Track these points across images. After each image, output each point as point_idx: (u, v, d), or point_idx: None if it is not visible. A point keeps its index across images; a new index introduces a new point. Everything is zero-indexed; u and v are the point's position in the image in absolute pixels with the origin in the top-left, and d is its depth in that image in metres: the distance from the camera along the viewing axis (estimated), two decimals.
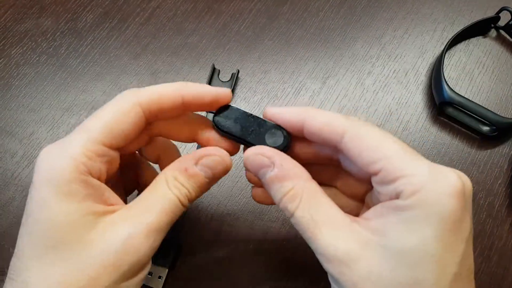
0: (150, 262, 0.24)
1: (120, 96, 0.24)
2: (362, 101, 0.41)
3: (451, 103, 0.39)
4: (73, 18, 0.43)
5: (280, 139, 0.26)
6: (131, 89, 0.25)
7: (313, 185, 0.25)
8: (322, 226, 0.23)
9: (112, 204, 0.24)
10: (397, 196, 0.22)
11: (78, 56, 0.41)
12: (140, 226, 0.23)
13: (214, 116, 0.27)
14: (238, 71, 0.40)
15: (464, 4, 0.45)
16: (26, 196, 0.35)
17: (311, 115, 0.25)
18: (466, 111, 0.39)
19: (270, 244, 0.35)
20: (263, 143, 0.26)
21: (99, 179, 0.24)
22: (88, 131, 0.23)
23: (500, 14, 0.43)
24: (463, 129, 0.40)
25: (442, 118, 0.40)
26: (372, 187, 0.24)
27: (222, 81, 0.40)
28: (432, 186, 0.22)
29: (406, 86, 0.41)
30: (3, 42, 0.42)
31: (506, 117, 0.38)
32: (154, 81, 0.41)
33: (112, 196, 0.24)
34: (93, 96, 0.40)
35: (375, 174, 0.23)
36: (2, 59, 0.41)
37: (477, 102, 0.39)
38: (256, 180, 0.28)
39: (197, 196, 0.25)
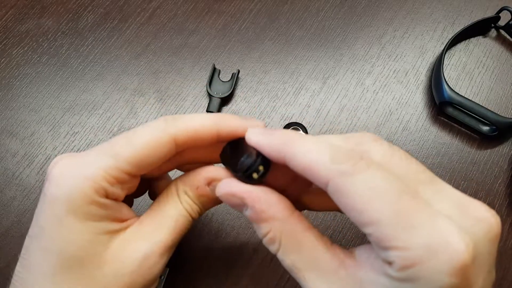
0: (159, 279, 0.25)
1: (156, 124, 0.23)
2: (362, 101, 0.41)
3: (451, 103, 0.39)
4: (74, 18, 0.43)
5: (248, 161, 0.22)
6: (167, 117, 0.23)
7: (292, 225, 0.22)
8: (305, 272, 0.21)
9: (125, 220, 0.24)
10: (389, 263, 0.19)
11: (79, 56, 0.42)
12: (155, 245, 0.23)
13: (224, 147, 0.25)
14: (239, 71, 0.41)
15: (464, 4, 0.45)
16: (27, 196, 0.36)
17: (290, 154, 0.21)
18: (466, 111, 0.39)
19: None
20: (238, 169, 0.23)
21: (116, 200, 0.23)
22: (116, 155, 0.22)
23: (500, 14, 0.43)
24: (463, 129, 0.40)
25: (442, 118, 0.40)
26: None
27: (223, 81, 0.40)
28: (428, 263, 0.18)
29: (406, 86, 0.42)
30: (4, 42, 0.42)
31: (506, 117, 0.38)
32: (155, 81, 0.41)
33: (126, 211, 0.24)
34: (94, 96, 0.40)
35: (364, 232, 0.20)
36: (3, 59, 0.41)
37: (477, 102, 0.39)
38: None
39: (206, 211, 0.26)
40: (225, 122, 0.24)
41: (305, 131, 0.37)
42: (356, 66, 0.42)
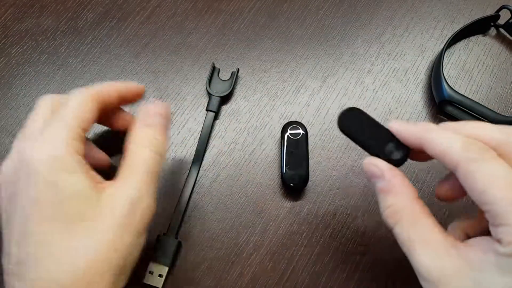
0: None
1: (77, 91, 0.28)
2: (361, 99, 0.41)
3: (450, 101, 0.39)
4: (73, 17, 0.43)
5: (397, 154, 0.27)
6: (81, 88, 0.29)
7: (416, 205, 0.26)
8: (418, 246, 0.24)
9: (99, 182, 0.27)
10: (499, 241, 0.23)
11: (78, 55, 0.42)
12: (140, 190, 0.26)
13: (340, 114, 0.28)
14: (238, 70, 0.41)
15: (464, 2, 0.45)
16: None
17: (429, 140, 0.25)
18: (465, 110, 0.39)
19: (270, 242, 0.35)
20: (381, 152, 0.27)
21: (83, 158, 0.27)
22: (63, 120, 0.26)
23: (500, 13, 0.43)
24: None
25: (441, 117, 0.40)
26: None
27: (222, 80, 0.40)
28: None
29: (405, 84, 0.42)
30: (3, 41, 0.42)
31: (505, 116, 0.38)
32: (154, 80, 0.41)
33: (96, 175, 0.27)
34: None
35: (481, 209, 0.23)
36: (2, 58, 0.41)
37: (477, 101, 0.39)
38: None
39: (165, 141, 0.30)
40: (120, 84, 0.31)
41: (305, 130, 0.37)
42: (356, 65, 0.42)
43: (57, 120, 0.26)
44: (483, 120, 0.38)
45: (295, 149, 0.37)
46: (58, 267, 0.23)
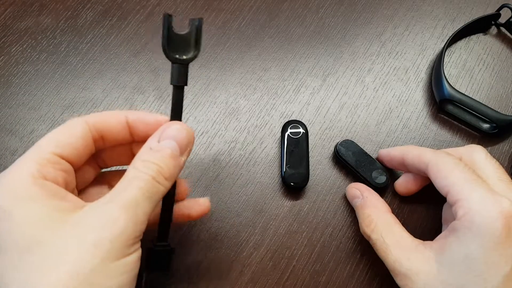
0: (139, 244, 0.23)
1: (68, 120, 0.26)
2: (362, 98, 0.41)
3: (451, 100, 0.39)
4: (73, 15, 0.43)
5: (382, 178, 0.35)
6: (77, 117, 0.27)
7: (388, 216, 0.32)
8: (391, 247, 0.29)
9: (77, 204, 0.24)
10: (454, 218, 0.28)
11: (78, 54, 0.41)
12: (113, 204, 0.22)
13: (336, 145, 0.37)
14: (201, 20, 0.27)
15: (464, 1, 0.45)
16: None
17: (408, 151, 0.33)
18: (466, 109, 0.39)
19: (270, 241, 0.35)
20: (369, 177, 0.36)
21: (56, 183, 0.24)
22: (38, 145, 0.25)
23: (500, 11, 0.43)
24: (463, 127, 0.40)
25: (442, 116, 0.40)
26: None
27: (180, 34, 0.27)
28: (481, 209, 0.26)
29: (406, 83, 0.41)
30: (3, 40, 0.42)
31: (506, 115, 0.38)
32: (154, 79, 0.41)
33: (77, 200, 0.24)
34: (93, 94, 0.40)
35: (445, 196, 0.29)
36: (2, 57, 0.41)
37: (477, 100, 0.39)
38: None
39: (172, 171, 0.25)
40: (132, 111, 0.27)
41: (305, 129, 0.37)
42: (356, 64, 0.42)
43: (32, 147, 0.25)
44: (483, 119, 0.38)
45: (296, 148, 0.36)
46: None
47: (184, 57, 0.27)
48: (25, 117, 0.39)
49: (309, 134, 0.39)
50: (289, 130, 0.37)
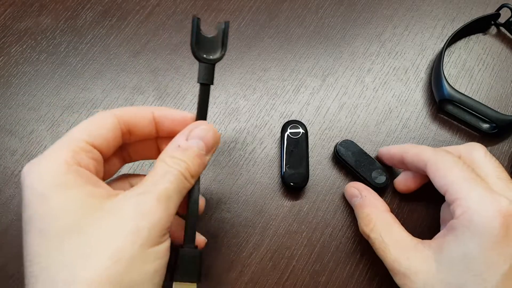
0: (168, 234, 0.25)
1: (99, 112, 0.27)
2: (362, 98, 0.41)
3: (451, 100, 0.38)
4: (73, 16, 0.43)
5: (382, 178, 0.35)
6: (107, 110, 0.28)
7: (387, 216, 0.32)
8: (390, 247, 0.29)
9: (110, 192, 0.25)
10: (452, 216, 0.28)
11: (78, 54, 0.41)
12: (148, 195, 0.24)
13: (336, 145, 0.37)
14: (228, 24, 0.29)
15: (464, 1, 0.45)
16: None
17: (408, 149, 0.33)
18: (466, 109, 0.39)
19: (270, 241, 0.35)
20: (369, 177, 0.36)
21: (89, 170, 0.25)
22: (71, 133, 0.25)
23: (500, 11, 0.43)
24: (463, 127, 0.40)
25: (442, 116, 0.40)
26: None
27: (207, 36, 0.29)
28: (479, 208, 0.26)
29: (406, 83, 0.41)
30: (2, 40, 0.42)
31: (506, 115, 0.38)
32: (154, 79, 0.41)
33: (108, 187, 0.25)
34: (93, 94, 0.40)
35: (444, 195, 0.29)
36: (1, 57, 0.41)
37: (477, 100, 0.39)
38: None
39: (198, 169, 0.26)
40: (160, 108, 0.28)
41: (305, 129, 0.37)
42: (356, 64, 0.42)
43: (63, 137, 0.26)
44: (483, 119, 0.38)
45: (295, 148, 0.36)
46: (51, 284, 0.22)
47: (211, 57, 0.29)
48: (24, 118, 0.39)
49: (309, 134, 0.39)
50: (289, 130, 0.37)
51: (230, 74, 0.41)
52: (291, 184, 0.35)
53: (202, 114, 0.28)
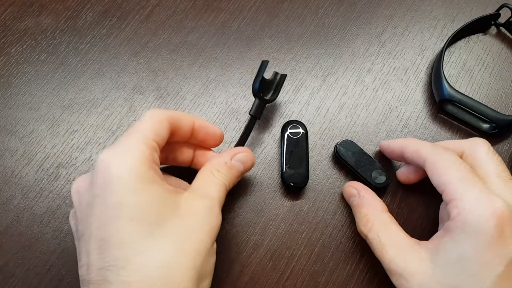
0: None
1: (153, 110, 0.29)
2: (362, 98, 0.41)
3: (451, 100, 0.39)
4: (73, 16, 0.43)
5: (382, 178, 0.35)
6: (158, 108, 0.31)
7: (385, 216, 0.32)
8: (387, 247, 0.30)
9: (176, 188, 0.28)
10: (449, 217, 0.28)
11: (78, 54, 0.41)
12: (214, 201, 0.28)
13: (336, 145, 0.37)
14: (285, 76, 0.38)
15: (464, 1, 0.45)
16: (25, 194, 0.36)
17: (407, 145, 0.33)
18: (466, 109, 0.39)
19: (270, 241, 0.35)
20: (369, 177, 0.35)
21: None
22: (140, 131, 0.27)
23: (500, 11, 0.43)
24: (463, 127, 0.40)
25: (442, 116, 0.40)
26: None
27: (266, 78, 0.36)
28: (474, 209, 0.26)
29: (406, 83, 0.41)
30: (2, 40, 0.42)
31: (506, 115, 0.38)
32: (154, 79, 0.41)
33: (172, 179, 0.30)
34: (93, 94, 0.40)
35: (441, 194, 0.29)
36: (1, 57, 0.41)
37: (477, 100, 0.39)
38: None
39: (234, 184, 0.31)
40: (200, 119, 0.31)
41: (305, 129, 0.37)
42: (356, 64, 0.42)
43: (134, 132, 0.27)
44: (483, 118, 0.38)
45: (295, 148, 0.36)
46: (145, 267, 0.24)
47: (265, 97, 0.36)
48: (25, 118, 0.39)
49: (309, 134, 0.39)
50: (289, 130, 0.37)
51: (230, 74, 0.41)
52: (291, 184, 0.35)
53: (243, 139, 0.35)
